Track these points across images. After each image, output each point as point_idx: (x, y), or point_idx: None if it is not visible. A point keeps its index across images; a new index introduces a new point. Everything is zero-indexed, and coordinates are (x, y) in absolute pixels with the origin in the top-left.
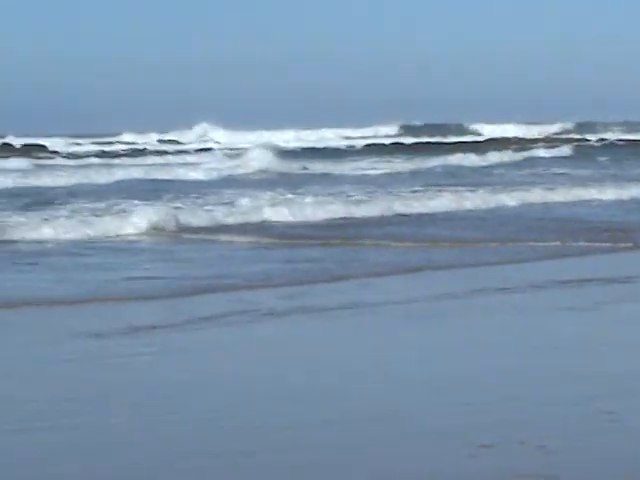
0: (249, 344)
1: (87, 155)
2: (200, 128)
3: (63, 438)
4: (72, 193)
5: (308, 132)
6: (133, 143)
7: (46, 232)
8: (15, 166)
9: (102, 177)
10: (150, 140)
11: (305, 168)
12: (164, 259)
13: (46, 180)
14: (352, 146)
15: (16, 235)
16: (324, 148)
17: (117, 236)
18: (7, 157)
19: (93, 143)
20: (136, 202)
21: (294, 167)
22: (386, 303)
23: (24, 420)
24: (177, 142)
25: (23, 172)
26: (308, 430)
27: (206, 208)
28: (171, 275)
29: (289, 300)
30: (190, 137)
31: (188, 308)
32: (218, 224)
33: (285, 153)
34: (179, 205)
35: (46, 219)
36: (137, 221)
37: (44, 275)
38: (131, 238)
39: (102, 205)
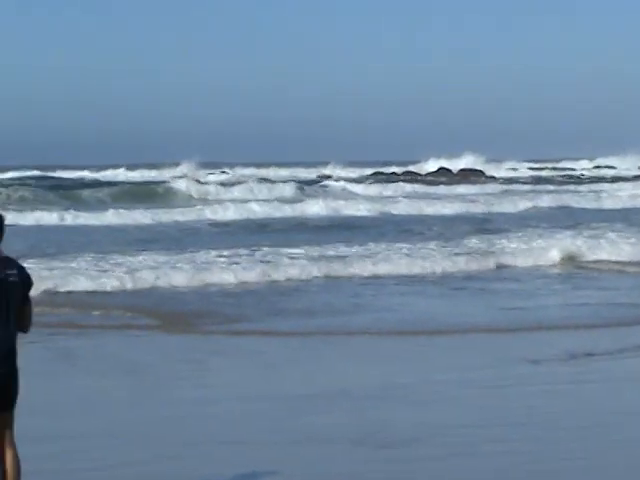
0: None
1: (523, 181)
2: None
3: (492, 464)
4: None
5: None
6: (569, 169)
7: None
8: (461, 192)
9: (533, 202)
10: (586, 165)
11: None
12: (589, 287)
13: (500, 206)
14: None
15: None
16: None
17: (539, 264)
18: (449, 183)
19: (529, 169)
20: (554, 230)
21: None
22: None
23: (454, 445)
24: (613, 167)
25: (462, 197)
26: None
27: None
28: (600, 303)
29: None
30: (627, 163)
31: (624, 336)
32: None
33: None
34: (593, 234)
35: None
36: (556, 250)
37: (471, 301)
38: (549, 266)
39: (521, 233)
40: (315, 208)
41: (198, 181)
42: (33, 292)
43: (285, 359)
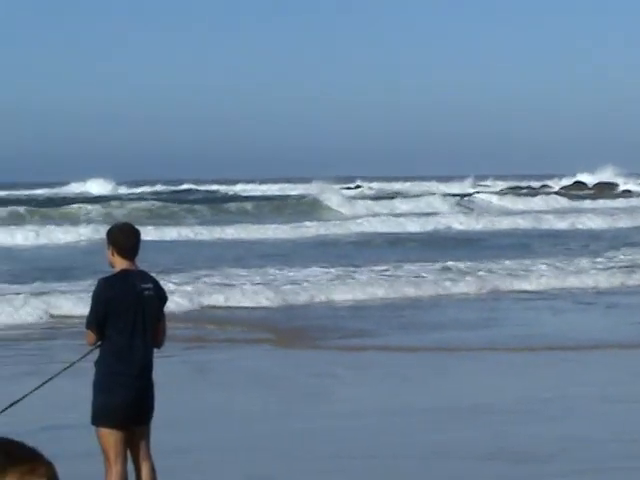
0: None
1: None
2: None
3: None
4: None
5: None
6: None
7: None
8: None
9: None
10: None
11: None
12: None
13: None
14: None
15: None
16: None
17: None
18: (585, 197)
19: None
20: None
21: None
22: None
23: (590, 461)
24: None
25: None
26: None
27: None
28: None
29: None
30: None
31: None
32: None
33: None
34: None
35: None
36: None
37: (610, 315)
38: None
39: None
40: (463, 221)
41: (344, 195)
42: (191, 306)
43: (414, 374)
